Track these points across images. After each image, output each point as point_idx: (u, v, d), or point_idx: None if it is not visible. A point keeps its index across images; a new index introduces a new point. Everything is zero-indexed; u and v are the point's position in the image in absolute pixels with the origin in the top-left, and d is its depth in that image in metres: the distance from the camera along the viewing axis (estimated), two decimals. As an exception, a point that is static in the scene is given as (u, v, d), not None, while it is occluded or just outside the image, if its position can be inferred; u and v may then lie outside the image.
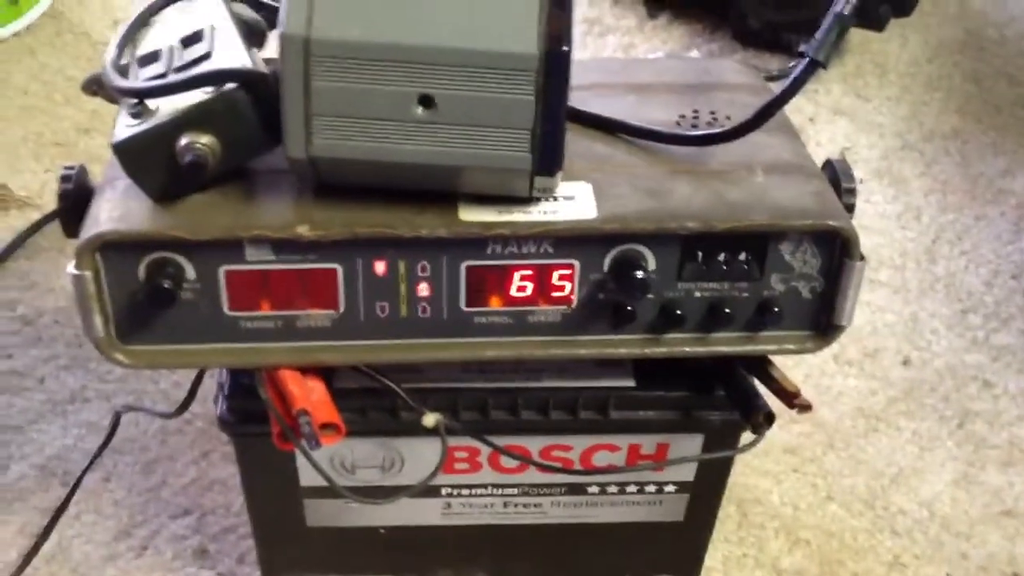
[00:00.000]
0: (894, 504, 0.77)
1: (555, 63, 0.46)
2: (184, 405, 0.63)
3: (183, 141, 0.48)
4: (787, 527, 0.76)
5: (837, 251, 0.52)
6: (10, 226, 0.93)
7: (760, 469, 0.79)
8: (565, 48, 0.46)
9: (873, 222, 1.00)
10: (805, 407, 0.55)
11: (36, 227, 0.93)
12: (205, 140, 0.48)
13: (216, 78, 0.48)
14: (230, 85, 0.48)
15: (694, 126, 0.57)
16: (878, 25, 1.13)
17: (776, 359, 0.57)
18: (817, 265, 0.53)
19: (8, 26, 1.14)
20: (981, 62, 1.20)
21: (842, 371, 0.86)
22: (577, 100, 0.56)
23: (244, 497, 0.62)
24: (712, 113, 0.59)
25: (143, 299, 0.50)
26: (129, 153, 0.49)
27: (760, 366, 0.57)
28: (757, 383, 0.57)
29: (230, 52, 0.50)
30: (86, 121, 1.04)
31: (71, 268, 0.49)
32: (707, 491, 0.63)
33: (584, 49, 1.16)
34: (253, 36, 0.56)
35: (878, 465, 0.80)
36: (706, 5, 1.21)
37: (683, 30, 1.21)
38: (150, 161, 0.49)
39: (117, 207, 0.50)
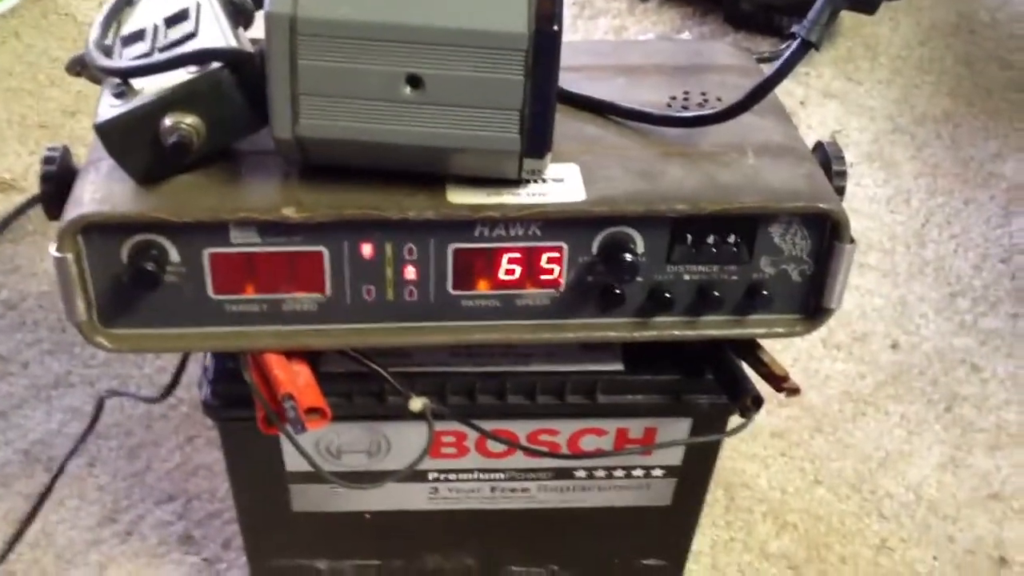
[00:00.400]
0: (881, 488, 0.77)
1: (545, 43, 0.46)
2: (168, 390, 0.63)
3: (167, 122, 0.47)
4: (775, 511, 0.76)
5: (827, 234, 0.52)
6: (-5, 209, 0.92)
7: (748, 453, 0.79)
8: (555, 28, 0.45)
9: (863, 205, 0.99)
10: (793, 391, 0.54)
11: (20, 210, 0.92)
12: (189, 121, 0.47)
13: (201, 57, 0.47)
14: (215, 65, 0.47)
15: (685, 107, 0.57)
16: (870, 8, 1.12)
17: (765, 343, 0.57)
18: (807, 248, 0.52)
19: (-9, 8, 1.12)
20: (973, 45, 1.19)
21: (830, 355, 0.86)
22: (567, 82, 0.55)
23: (229, 482, 0.62)
24: (703, 95, 0.58)
25: (126, 282, 0.49)
26: (112, 134, 0.48)
27: (749, 350, 0.56)
28: (746, 367, 0.57)
29: (215, 31, 0.49)
30: (71, 103, 1.03)
31: (53, 250, 0.48)
32: (695, 475, 0.63)
33: (575, 32, 1.16)
34: (239, 16, 0.55)
35: (866, 449, 0.80)
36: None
37: (674, 12, 1.21)
38: (134, 142, 0.48)
39: (100, 189, 0.49)
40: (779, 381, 0.55)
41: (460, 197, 0.50)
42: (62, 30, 1.12)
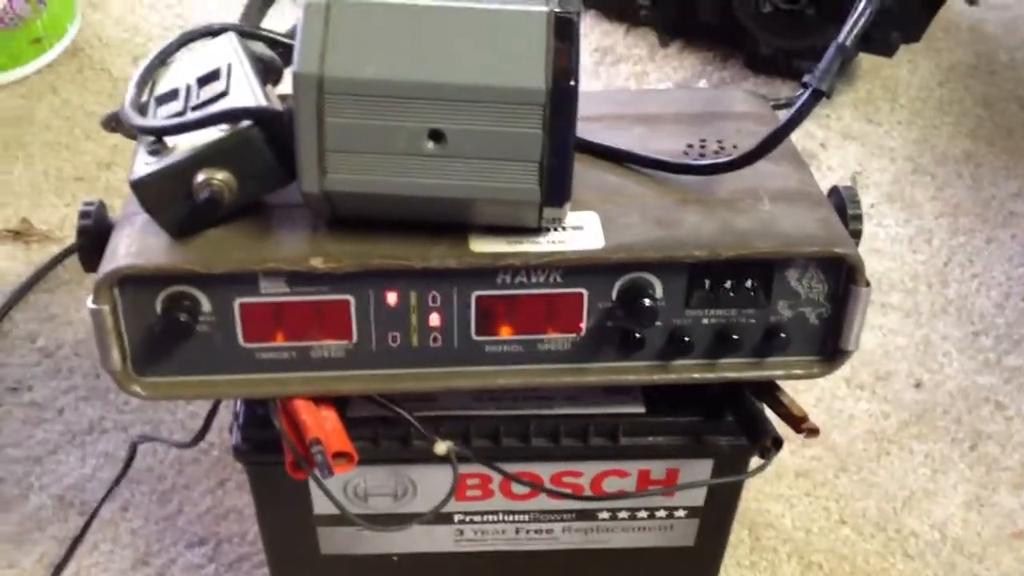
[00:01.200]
0: (906, 527, 0.78)
1: (562, 97, 0.47)
2: (200, 435, 0.64)
3: (199, 177, 0.49)
4: (799, 551, 0.76)
5: (843, 277, 0.53)
6: (31, 260, 0.95)
7: (772, 493, 0.79)
8: (572, 82, 0.47)
9: (884, 246, 1.00)
10: (813, 431, 0.55)
11: (56, 260, 0.94)
12: (221, 176, 0.49)
13: (232, 116, 0.49)
14: (245, 122, 0.49)
15: (701, 155, 0.58)
16: (888, 51, 1.14)
17: (785, 384, 0.58)
18: (823, 291, 0.53)
19: (31, 63, 1.16)
20: (992, 86, 1.20)
21: (854, 394, 0.87)
22: (587, 131, 0.57)
23: (259, 525, 0.63)
24: (719, 142, 0.59)
25: (160, 332, 0.51)
26: (147, 189, 0.50)
27: (768, 391, 0.57)
28: (766, 408, 0.58)
29: (246, 90, 0.51)
30: (107, 156, 1.05)
31: (89, 302, 0.50)
32: (717, 516, 0.63)
33: (597, 78, 1.18)
34: (269, 73, 0.57)
35: (890, 488, 0.80)
36: (717, 33, 1.22)
37: (695, 58, 1.22)
38: (167, 197, 0.50)
39: (135, 242, 0.51)
40: (798, 422, 0.55)
41: (482, 246, 0.51)
42: (98, 85, 1.15)
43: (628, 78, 1.19)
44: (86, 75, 1.17)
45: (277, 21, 0.61)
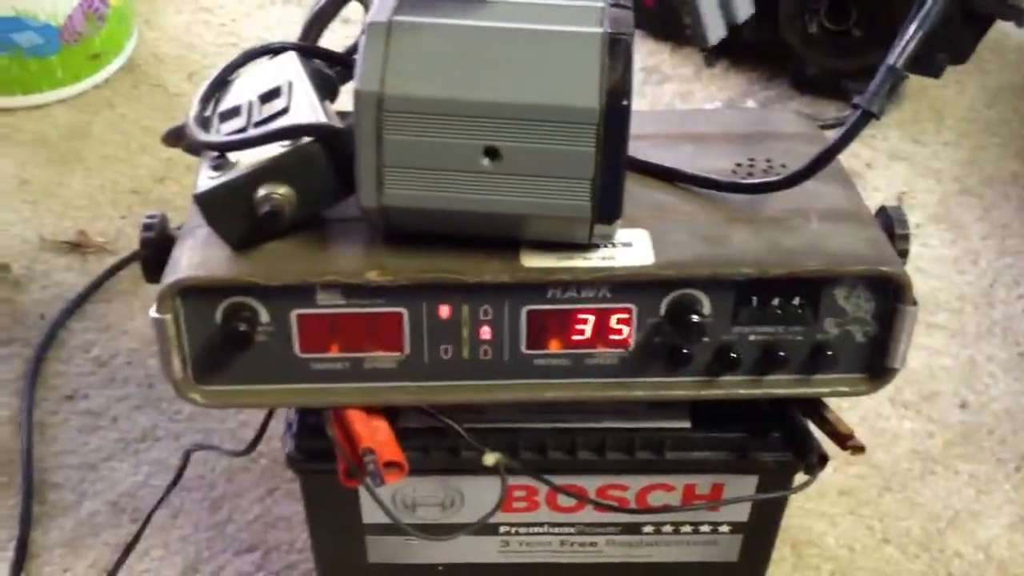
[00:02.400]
0: (950, 547, 0.77)
1: (615, 116, 0.48)
2: (254, 443, 0.65)
3: (261, 192, 0.51)
4: (842, 569, 0.76)
5: (890, 296, 0.53)
6: (88, 270, 0.97)
7: (816, 511, 0.79)
8: (625, 102, 0.48)
9: (931, 266, 1.00)
10: (858, 449, 0.55)
11: (112, 271, 0.96)
12: (282, 191, 0.51)
13: (293, 132, 0.51)
14: (306, 139, 0.51)
15: (750, 174, 0.59)
16: (935, 72, 1.14)
17: (830, 401, 0.58)
18: (870, 310, 0.54)
19: (89, 79, 1.19)
20: (1040, 107, 1.20)
21: (898, 414, 0.87)
22: (637, 150, 0.58)
23: (308, 533, 0.64)
24: (768, 161, 0.60)
25: (219, 341, 0.52)
26: (210, 203, 0.51)
27: (814, 408, 0.58)
28: (811, 425, 0.58)
29: (306, 107, 0.52)
30: (161, 169, 1.08)
31: (152, 312, 0.52)
32: (761, 532, 0.64)
33: (642, 97, 1.18)
34: (327, 90, 0.58)
35: (935, 508, 0.80)
36: (763, 53, 1.23)
37: (740, 78, 1.23)
38: (229, 211, 0.51)
39: (197, 254, 0.52)
40: (844, 439, 0.56)
41: (533, 261, 0.52)
42: (153, 100, 1.18)
43: (674, 97, 1.20)
44: (142, 90, 1.19)
45: (329, 39, 0.62)
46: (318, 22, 0.62)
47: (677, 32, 1.25)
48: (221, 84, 0.58)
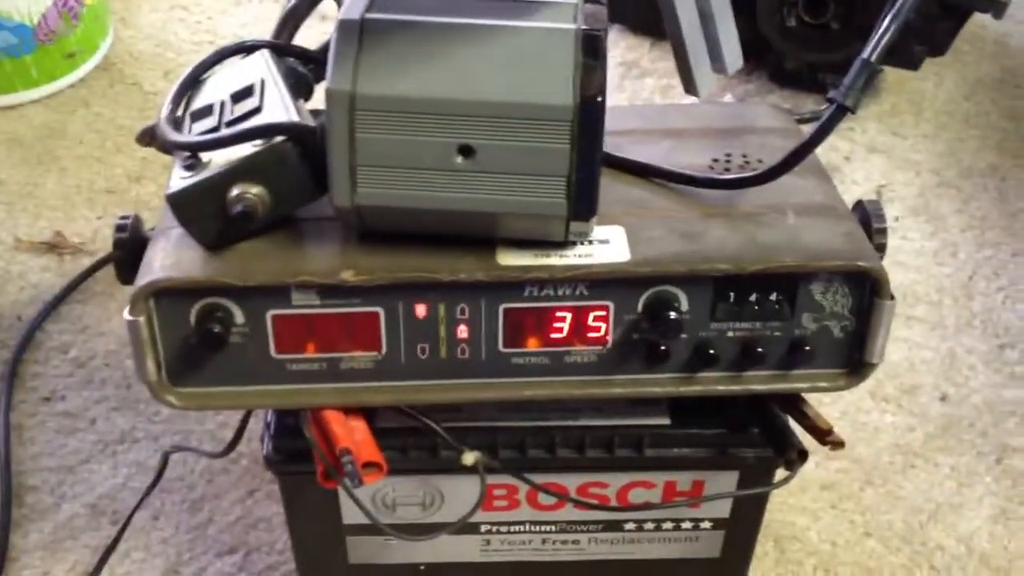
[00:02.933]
0: (932, 540, 0.78)
1: (589, 113, 0.48)
2: (232, 445, 0.65)
3: (234, 192, 0.50)
4: (825, 564, 0.76)
5: (867, 291, 0.53)
6: (64, 271, 0.96)
7: (797, 506, 0.79)
8: (599, 99, 0.48)
9: (910, 259, 1.00)
10: (838, 444, 0.55)
11: (89, 272, 0.95)
12: (255, 191, 0.50)
13: (266, 131, 0.50)
14: (279, 138, 0.50)
15: (727, 170, 0.59)
16: (913, 64, 1.14)
17: (811, 397, 0.58)
18: (848, 304, 0.54)
19: (64, 78, 1.18)
20: (1018, 99, 1.20)
21: (879, 407, 0.87)
22: (613, 146, 0.58)
23: (289, 535, 0.64)
24: (744, 156, 0.60)
25: (194, 343, 0.52)
26: (182, 203, 0.51)
27: (793, 403, 0.58)
28: (791, 420, 0.58)
29: (279, 106, 0.52)
30: (137, 169, 1.07)
31: (126, 314, 0.51)
32: (743, 527, 0.64)
33: (622, 91, 1.18)
34: (301, 88, 0.58)
35: (916, 501, 0.80)
36: (742, 47, 1.23)
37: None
38: (202, 211, 0.51)
39: (170, 255, 0.52)
40: (823, 434, 0.56)
41: (509, 259, 0.52)
42: (129, 99, 1.17)
43: (653, 91, 1.20)
44: (117, 89, 1.18)
45: (303, 36, 0.62)
46: (292, 19, 0.62)
47: (657, 27, 1.25)
48: (193, 83, 0.57)
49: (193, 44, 1.25)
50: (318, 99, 0.59)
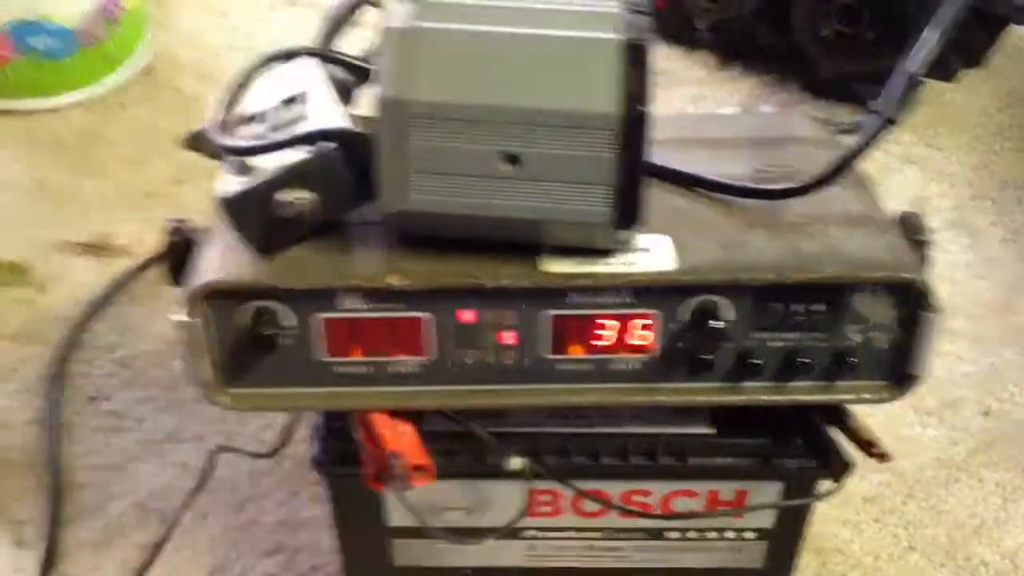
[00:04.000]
0: (976, 555, 0.77)
1: (634, 122, 0.48)
2: (280, 446, 0.65)
3: (283, 197, 0.51)
4: (866, 576, 0.76)
5: (912, 303, 0.53)
6: (108, 273, 0.97)
7: (840, 518, 0.79)
8: (643, 108, 0.48)
9: (946, 271, 1.00)
10: (883, 456, 0.55)
11: (132, 274, 0.97)
12: (305, 196, 0.51)
13: (316, 137, 0.51)
14: (328, 144, 0.51)
15: (768, 180, 0.59)
16: (948, 76, 1.13)
17: (855, 408, 0.58)
18: (892, 316, 0.54)
19: (103, 81, 1.19)
20: (1055, 111, 1.19)
21: (921, 421, 0.86)
22: (654, 155, 0.58)
23: (335, 536, 0.64)
24: (785, 167, 0.60)
25: (246, 345, 0.53)
26: (233, 208, 0.52)
27: (838, 415, 0.58)
28: (837, 431, 0.58)
29: (328, 112, 0.53)
30: (177, 172, 1.08)
31: (182, 315, 0.52)
32: (786, 538, 0.64)
33: (654, 100, 1.18)
34: (344, 94, 0.59)
35: (960, 516, 0.80)
36: (775, 56, 1.23)
37: (752, 81, 1.23)
38: (253, 216, 0.52)
39: (222, 258, 0.53)
40: (868, 446, 0.56)
41: (553, 266, 0.52)
42: (167, 103, 1.18)
43: (686, 100, 1.20)
44: (156, 93, 1.20)
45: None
46: (335, 26, 0.63)
47: (689, 35, 1.25)
48: (241, 88, 0.58)
49: (230, 49, 1.27)
50: (360, 106, 0.60)
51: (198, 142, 0.63)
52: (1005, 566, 0.76)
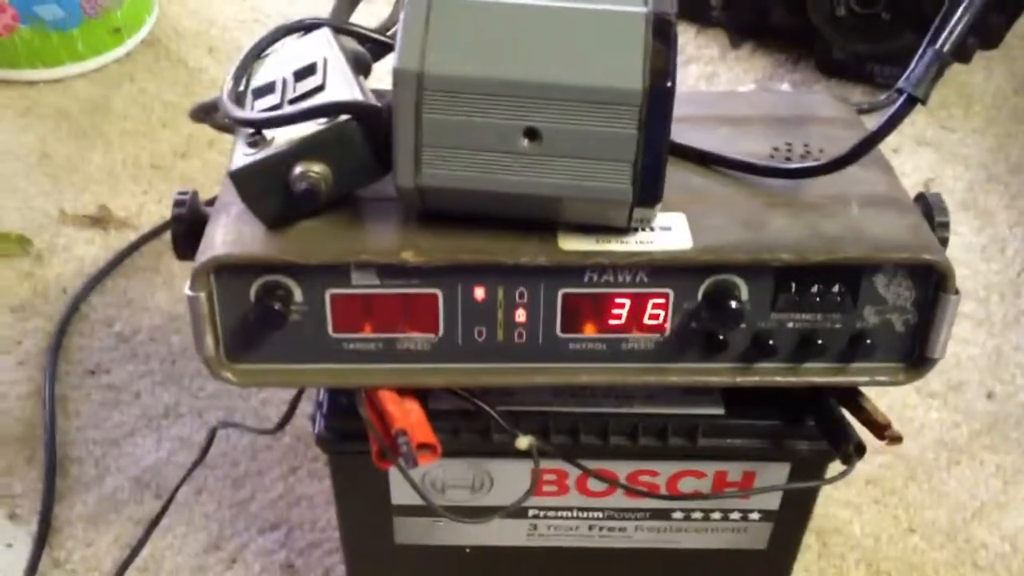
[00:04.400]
0: (976, 538, 0.77)
1: (658, 99, 0.47)
2: (283, 422, 0.65)
3: (297, 170, 0.50)
4: (868, 558, 0.76)
5: (932, 285, 0.53)
6: (109, 245, 0.97)
7: (841, 500, 0.79)
8: (669, 84, 0.47)
9: (958, 254, 0.99)
10: (896, 439, 0.55)
11: (134, 247, 0.96)
12: (318, 169, 0.50)
13: (331, 110, 0.50)
14: (343, 116, 0.50)
15: (788, 159, 0.58)
16: (964, 57, 1.12)
17: (866, 390, 0.57)
18: (911, 298, 0.53)
19: (109, 53, 1.18)
20: (1068, 94, 1.19)
21: (925, 403, 0.86)
22: (673, 132, 0.57)
23: (336, 513, 0.64)
24: (806, 146, 0.59)
25: (253, 320, 0.52)
26: (245, 180, 0.51)
27: (851, 397, 0.57)
28: (847, 413, 0.57)
29: (343, 85, 0.52)
30: (182, 145, 1.07)
31: (186, 289, 0.51)
32: (791, 521, 0.63)
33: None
34: (359, 67, 0.58)
35: (961, 498, 0.79)
36: (789, 35, 1.22)
37: (766, 60, 1.22)
38: (265, 188, 0.51)
39: (231, 231, 0.52)
40: (881, 429, 0.55)
41: (571, 244, 0.51)
42: (174, 75, 1.17)
43: (698, 79, 1.19)
44: (163, 65, 1.19)
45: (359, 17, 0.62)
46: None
47: (702, 13, 1.24)
48: (254, 60, 0.57)
49: (238, 22, 1.25)
50: (375, 78, 0.59)
51: (205, 114, 0.62)
52: (1005, 548, 0.76)
